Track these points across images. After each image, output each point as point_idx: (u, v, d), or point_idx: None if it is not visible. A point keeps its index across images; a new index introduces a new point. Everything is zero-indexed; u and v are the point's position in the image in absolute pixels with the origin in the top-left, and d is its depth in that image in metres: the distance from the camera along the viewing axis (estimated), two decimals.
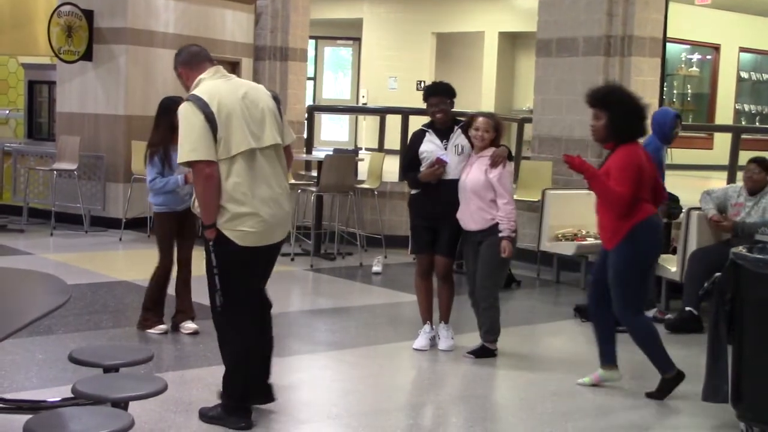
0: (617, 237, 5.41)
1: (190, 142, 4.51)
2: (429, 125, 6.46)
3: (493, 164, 6.14)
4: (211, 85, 4.68)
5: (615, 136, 5.42)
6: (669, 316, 7.69)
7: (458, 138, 6.35)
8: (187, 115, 4.55)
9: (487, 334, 6.31)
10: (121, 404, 3.89)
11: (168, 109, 6.20)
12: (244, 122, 4.59)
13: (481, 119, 6.24)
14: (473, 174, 6.19)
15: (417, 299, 6.60)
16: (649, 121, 8.09)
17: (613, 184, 5.31)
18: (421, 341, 6.47)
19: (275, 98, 4.84)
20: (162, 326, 6.58)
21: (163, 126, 6.38)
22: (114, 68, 11.32)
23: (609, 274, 5.53)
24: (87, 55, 11.33)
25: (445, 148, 6.30)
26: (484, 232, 6.18)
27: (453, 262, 6.58)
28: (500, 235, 6.13)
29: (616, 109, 5.40)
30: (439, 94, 6.43)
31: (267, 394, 5.00)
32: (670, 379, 5.56)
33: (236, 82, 4.80)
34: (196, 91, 4.64)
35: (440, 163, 6.23)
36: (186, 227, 6.59)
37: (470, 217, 6.20)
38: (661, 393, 5.55)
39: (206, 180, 4.54)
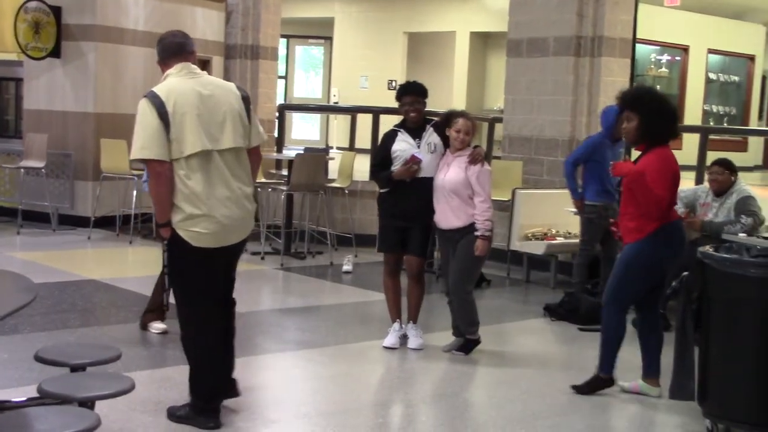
0: (640, 234, 5.37)
1: (142, 139, 4.48)
2: (401, 125, 6.46)
3: (473, 161, 6.15)
4: (174, 82, 4.64)
5: (647, 138, 5.41)
6: None
7: (431, 136, 6.36)
8: (142, 112, 4.51)
9: (469, 327, 6.36)
10: (88, 404, 3.86)
11: None
12: (200, 123, 4.53)
13: (461, 121, 6.23)
14: (452, 173, 6.19)
15: (385, 298, 6.60)
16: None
17: (655, 187, 5.27)
18: (391, 339, 6.47)
19: (245, 98, 4.76)
20: (161, 326, 6.48)
21: None
22: (83, 65, 11.22)
23: (616, 264, 5.56)
24: (55, 52, 11.21)
25: (418, 147, 6.31)
26: (462, 231, 6.19)
27: (425, 262, 6.59)
28: (476, 233, 6.15)
29: (647, 112, 5.38)
30: (412, 93, 6.43)
31: (231, 389, 4.97)
32: (603, 380, 5.60)
33: (203, 81, 4.69)
34: (156, 88, 4.61)
35: (415, 161, 6.22)
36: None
37: (452, 214, 6.19)
38: (587, 387, 5.61)
39: (156, 178, 4.51)
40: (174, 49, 4.78)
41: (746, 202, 7.32)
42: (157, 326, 6.50)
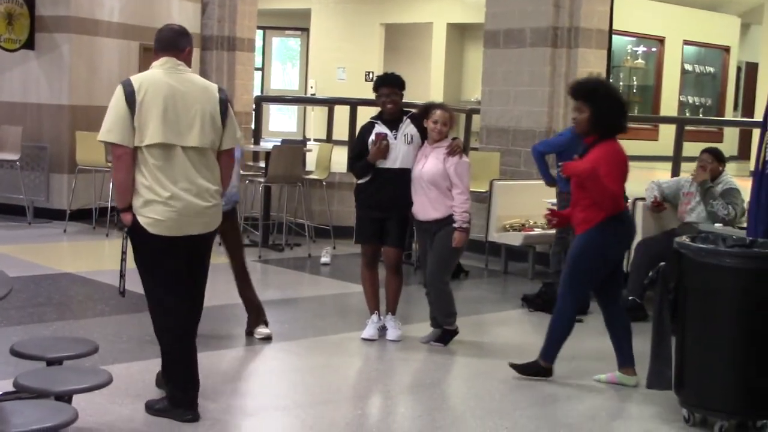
0: (590, 224, 5.43)
1: (108, 123, 4.58)
2: (378, 117, 6.46)
3: (451, 153, 6.16)
4: (152, 74, 4.69)
5: (597, 130, 5.44)
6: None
7: (407, 127, 6.37)
8: (115, 97, 4.62)
9: (447, 317, 6.37)
10: (65, 397, 3.84)
11: None
12: (165, 117, 4.56)
13: (439, 112, 6.22)
14: (430, 164, 6.19)
15: (363, 289, 6.60)
16: None
17: (609, 182, 5.32)
18: (369, 331, 6.47)
19: (223, 101, 4.76)
20: (264, 330, 6.36)
21: None
22: (57, 57, 11.12)
23: (568, 255, 5.59)
24: (29, 44, 11.10)
25: (395, 138, 6.31)
26: (440, 222, 6.19)
27: (402, 253, 6.59)
28: (454, 225, 6.15)
29: (600, 104, 5.42)
30: (389, 84, 6.43)
31: None
32: (542, 368, 5.64)
33: (182, 77, 4.70)
34: (133, 77, 4.70)
35: (380, 137, 6.24)
36: (228, 231, 6.18)
37: (430, 205, 6.19)
38: (524, 369, 5.67)
39: (117, 162, 4.61)
40: (164, 43, 4.82)
41: (730, 193, 7.38)
42: (260, 331, 6.36)
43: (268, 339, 6.32)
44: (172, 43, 4.80)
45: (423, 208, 6.24)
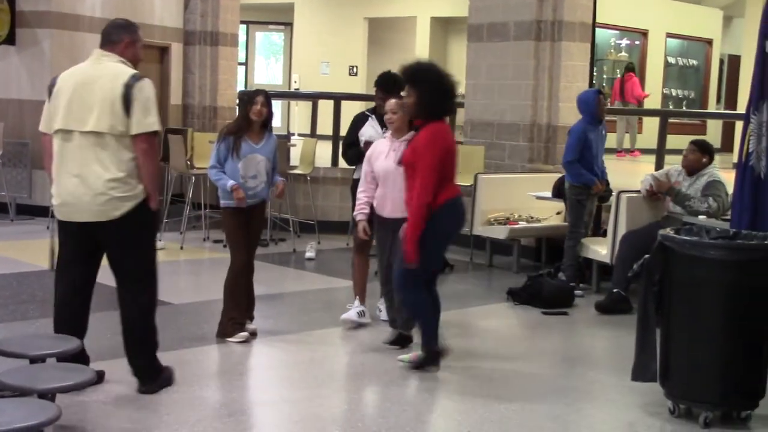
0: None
1: (43, 113, 5.00)
2: (372, 110, 6.83)
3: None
4: (78, 65, 5.00)
5: (423, 113, 5.49)
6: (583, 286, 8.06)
7: None
8: None
9: (410, 321, 6.12)
10: (48, 395, 3.81)
11: (240, 100, 6.27)
12: (69, 104, 4.79)
13: (390, 101, 6.06)
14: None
15: (352, 275, 6.72)
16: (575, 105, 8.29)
17: (414, 194, 5.39)
18: (350, 314, 6.60)
19: (128, 86, 4.74)
20: (243, 333, 6.18)
21: (240, 116, 6.33)
22: (38, 52, 11.05)
23: (401, 245, 5.58)
24: (9, 39, 11.03)
25: (384, 135, 6.38)
26: (404, 221, 6.12)
27: None
28: None
29: (425, 88, 5.47)
30: (382, 88, 6.62)
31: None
32: (438, 352, 5.66)
33: (101, 66, 4.88)
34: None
35: (368, 145, 6.45)
36: (252, 224, 6.29)
37: (401, 203, 6.11)
38: (424, 363, 5.62)
39: (43, 148, 5.06)
40: (102, 37, 5.03)
41: (713, 185, 7.40)
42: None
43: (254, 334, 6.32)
44: (106, 36, 5.01)
45: (393, 204, 5.97)
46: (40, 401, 3.65)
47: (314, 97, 14.48)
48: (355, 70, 19.26)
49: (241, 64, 18.97)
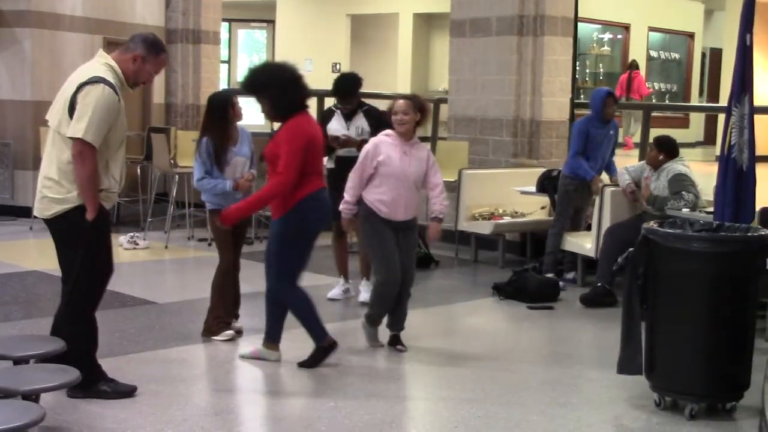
0: (285, 208, 5.47)
1: None
2: (336, 107, 7.38)
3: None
4: None
5: (279, 113, 5.52)
6: (573, 273, 8.14)
7: (359, 120, 7.24)
8: None
9: (402, 322, 6.18)
10: (33, 396, 3.80)
11: (216, 106, 6.27)
12: (55, 99, 4.85)
13: (399, 102, 6.00)
14: (415, 165, 5.96)
15: (333, 256, 7.30)
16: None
17: (275, 177, 5.38)
18: (335, 291, 7.29)
19: (79, 87, 4.70)
20: (228, 332, 6.20)
21: (219, 123, 6.23)
22: (18, 52, 10.98)
23: (270, 245, 5.61)
24: None
25: (347, 129, 7.17)
26: (411, 221, 6.09)
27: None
28: (439, 217, 6.08)
29: (271, 92, 5.45)
30: (336, 94, 7.33)
31: None
32: (325, 348, 5.64)
33: (87, 65, 4.92)
34: None
35: (340, 138, 7.18)
36: (241, 225, 6.25)
37: (413, 205, 6.04)
38: (313, 361, 5.62)
39: None
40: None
41: (678, 179, 7.40)
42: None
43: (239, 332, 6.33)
44: (127, 41, 4.99)
45: (407, 207, 5.97)
46: (24, 402, 3.63)
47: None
48: (338, 66, 19.22)
49: (223, 62, 18.91)
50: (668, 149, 7.57)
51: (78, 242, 4.77)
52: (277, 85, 5.49)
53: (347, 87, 7.29)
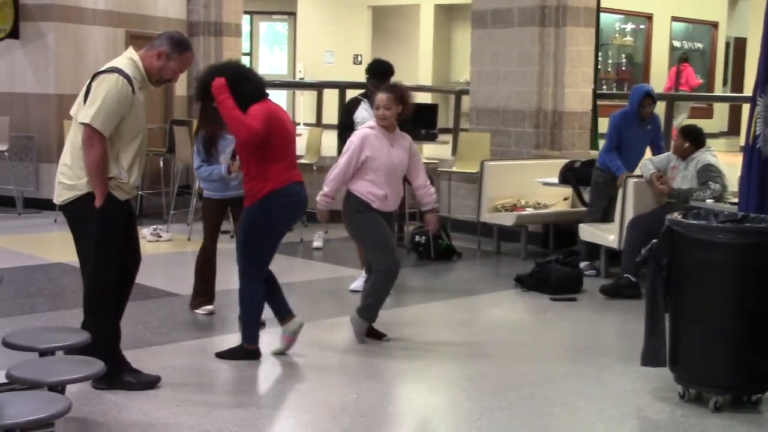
0: (255, 197, 5.42)
1: None
2: (364, 95, 7.28)
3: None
4: None
5: (242, 107, 5.29)
6: (592, 271, 8.07)
7: None
8: None
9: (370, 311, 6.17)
10: (58, 388, 3.82)
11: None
12: None
13: (381, 96, 5.92)
14: (401, 156, 5.99)
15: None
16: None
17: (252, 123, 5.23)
18: (357, 283, 7.06)
19: (94, 76, 4.80)
20: (208, 307, 6.59)
21: (211, 115, 6.28)
22: (42, 46, 11.05)
23: (240, 232, 5.60)
24: (14, 33, 11.02)
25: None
26: (393, 213, 6.14)
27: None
28: (433, 208, 6.16)
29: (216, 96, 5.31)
30: (375, 75, 7.19)
31: None
32: (248, 350, 5.56)
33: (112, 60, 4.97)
34: None
35: None
36: (240, 214, 6.37)
37: (400, 196, 6.09)
38: (230, 354, 5.57)
39: None
40: None
41: (707, 170, 7.36)
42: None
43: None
44: (155, 38, 5.02)
45: (396, 198, 6.03)
46: (51, 394, 3.66)
47: (319, 87, 14.45)
48: (359, 58, 19.21)
49: (245, 54, 18.93)
50: (694, 138, 7.53)
51: (89, 231, 4.84)
52: (229, 83, 5.30)
53: (385, 67, 7.37)
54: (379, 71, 7.37)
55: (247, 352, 5.56)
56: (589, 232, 8.18)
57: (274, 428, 4.67)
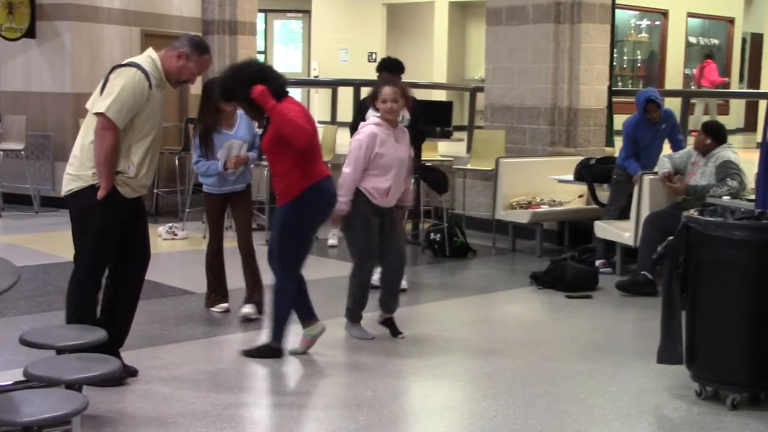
0: (288, 197, 5.42)
1: None
2: None
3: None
4: None
5: (260, 111, 5.31)
6: (608, 269, 8.03)
7: (401, 110, 6.70)
8: None
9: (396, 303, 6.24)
10: (76, 386, 3.84)
11: (206, 92, 6.43)
12: None
13: (387, 89, 5.92)
14: (404, 150, 6.00)
15: None
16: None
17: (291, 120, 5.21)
18: (377, 277, 6.74)
19: (112, 69, 4.88)
20: (223, 305, 6.58)
21: (209, 109, 6.43)
22: (58, 45, 11.10)
23: (273, 232, 5.58)
24: (30, 32, 11.08)
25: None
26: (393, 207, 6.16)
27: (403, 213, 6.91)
28: (408, 205, 6.34)
29: (241, 96, 5.30)
30: (386, 69, 7.04)
31: None
32: (272, 349, 5.54)
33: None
34: None
35: None
36: (238, 209, 6.57)
37: (401, 189, 6.08)
38: (257, 352, 5.57)
39: None
40: None
41: (725, 166, 7.33)
42: (244, 311, 6.47)
43: (248, 319, 6.40)
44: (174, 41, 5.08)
45: (398, 192, 6.01)
46: (68, 392, 3.68)
47: (333, 85, 14.44)
48: (374, 56, 19.19)
49: (260, 52, 18.97)
50: (717, 134, 7.50)
51: (87, 222, 4.87)
52: (244, 87, 5.29)
53: (396, 62, 7.33)
54: (395, 65, 7.32)
55: (272, 350, 5.56)
56: (604, 230, 8.16)
57: (290, 425, 4.67)
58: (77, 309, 4.93)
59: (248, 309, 6.46)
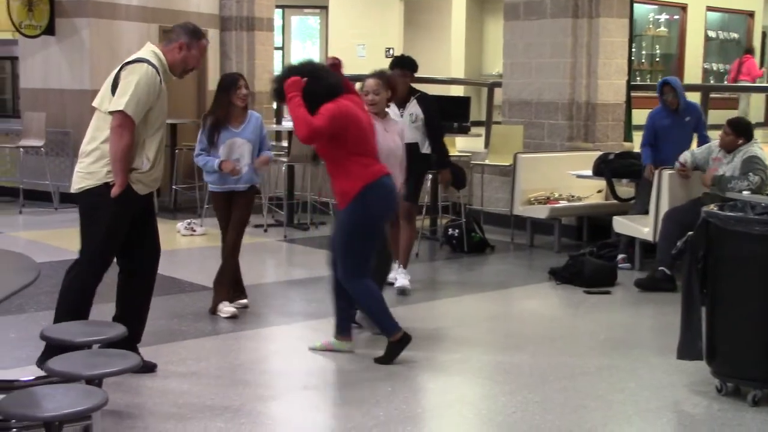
0: (347, 198, 5.33)
1: None
2: None
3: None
4: None
5: (315, 108, 5.24)
6: (627, 264, 8.03)
7: (413, 107, 7.07)
8: None
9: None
10: (96, 381, 3.86)
11: (221, 86, 6.42)
12: None
13: (369, 81, 5.96)
14: (395, 140, 6.02)
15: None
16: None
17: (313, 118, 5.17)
18: (392, 275, 6.87)
19: (122, 67, 4.91)
20: (242, 301, 6.52)
21: (221, 102, 6.40)
22: (77, 42, 11.14)
23: (335, 235, 5.51)
24: (49, 29, 11.14)
25: (401, 116, 6.94)
26: None
27: (415, 206, 7.15)
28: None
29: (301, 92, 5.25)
30: (398, 67, 7.07)
31: None
32: (398, 341, 5.46)
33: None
34: None
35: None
36: (236, 207, 6.44)
37: (397, 181, 6.09)
38: (389, 357, 5.46)
39: None
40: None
41: (751, 161, 7.28)
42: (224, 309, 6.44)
43: (232, 317, 6.34)
44: (169, 34, 5.16)
45: (397, 183, 5.98)
46: (88, 387, 3.69)
47: (351, 80, 14.42)
48: (391, 52, 19.16)
49: (277, 48, 18.96)
50: (742, 131, 7.46)
51: (98, 220, 4.91)
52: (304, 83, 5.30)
53: (409, 60, 7.27)
54: (407, 62, 7.28)
55: (396, 343, 5.47)
56: (623, 225, 8.12)
57: (308, 422, 4.68)
58: (75, 301, 4.98)
59: (231, 308, 6.40)
